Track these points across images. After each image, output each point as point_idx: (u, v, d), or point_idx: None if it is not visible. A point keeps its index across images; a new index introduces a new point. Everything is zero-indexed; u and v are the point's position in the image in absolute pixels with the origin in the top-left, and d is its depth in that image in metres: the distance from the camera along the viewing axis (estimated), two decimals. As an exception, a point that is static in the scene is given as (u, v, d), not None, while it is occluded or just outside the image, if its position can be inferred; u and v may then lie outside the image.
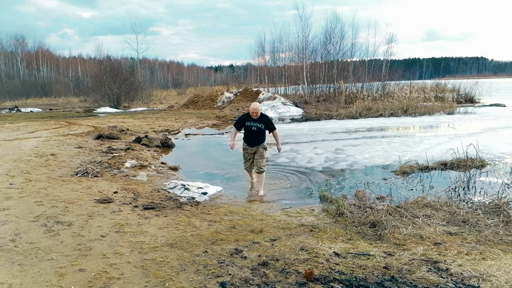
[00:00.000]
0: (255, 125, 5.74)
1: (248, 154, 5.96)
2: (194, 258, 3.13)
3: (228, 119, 18.82)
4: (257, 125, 5.74)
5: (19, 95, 38.03)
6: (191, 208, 4.79)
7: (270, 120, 5.99)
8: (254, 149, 5.85)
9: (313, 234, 3.90)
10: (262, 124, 5.75)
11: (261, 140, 5.83)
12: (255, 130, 5.74)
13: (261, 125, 5.75)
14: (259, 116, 5.78)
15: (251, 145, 5.85)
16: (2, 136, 10.62)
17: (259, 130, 5.75)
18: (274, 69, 33.12)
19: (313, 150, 9.22)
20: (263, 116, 5.89)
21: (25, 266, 2.90)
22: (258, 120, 5.75)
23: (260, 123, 5.75)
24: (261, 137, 5.82)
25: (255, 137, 5.80)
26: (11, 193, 4.92)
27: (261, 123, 5.75)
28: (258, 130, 5.75)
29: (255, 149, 5.84)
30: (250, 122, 5.76)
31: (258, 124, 5.74)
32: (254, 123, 5.74)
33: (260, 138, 5.82)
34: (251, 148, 5.86)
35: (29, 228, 3.71)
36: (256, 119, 5.74)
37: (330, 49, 26.60)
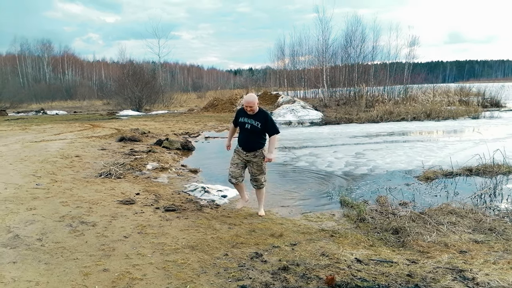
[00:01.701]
0: (250, 122, 4.49)
1: (238, 158, 4.66)
2: (215, 260, 3.15)
3: (247, 122, 18.86)
4: (252, 122, 4.47)
5: (45, 98, 39.34)
6: (211, 211, 4.82)
7: (271, 120, 4.53)
8: (249, 156, 4.58)
9: (333, 239, 3.86)
10: (258, 122, 4.46)
11: (258, 143, 4.55)
12: (248, 128, 4.49)
13: (257, 124, 4.45)
14: (257, 112, 4.51)
15: (246, 148, 4.59)
16: (29, 138, 10.99)
17: (253, 129, 4.48)
18: (294, 72, 33.10)
19: (333, 154, 9.13)
20: (262, 112, 4.54)
21: (51, 265, 2.98)
22: (254, 116, 4.50)
23: (256, 120, 4.47)
24: (258, 139, 4.55)
25: (250, 139, 4.55)
26: (38, 194, 5.08)
27: (257, 120, 4.47)
28: (253, 130, 4.49)
29: (251, 156, 4.57)
30: (244, 118, 4.54)
31: (253, 122, 4.47)
32: (248, 119, 4.50)
33: (256, 140, 4.54)
34: (245, 153, 4.60)
35: (55, 228, 3.81)
36: (252, 115, 4.51)
37: (350, 52, 26.38)
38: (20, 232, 3.64)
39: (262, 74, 51.71)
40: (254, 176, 4.66)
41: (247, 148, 4.58)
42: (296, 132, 14.65)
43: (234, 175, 4.67)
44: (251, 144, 4.57)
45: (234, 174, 4.67)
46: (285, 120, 20.12)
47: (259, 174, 4.65)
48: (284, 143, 11.25)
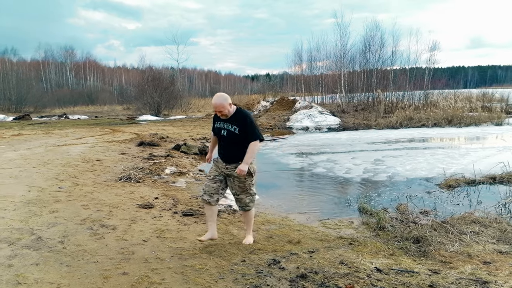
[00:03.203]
0: (226, 127, 3.62)
1: (216, 170, 3.70)
2: (232, 266, 3.14)
3: (264, 127, 18.89)
4: (228, 127, 3.59)
5: (68, 103, 40.40)
6: (228, 216, 4.83)
7: (251, 122, 3.57)
8: (229, 169, 3.61)
9: (352, 247, 3.80)
10: (235, 126, 3.55)
11: (240, 154, 3.53)
12: (225, 135, 3.63)
13: (234, 128, 3.55)
14: (233, 114, 3.59)
15: (225, 159, 3.65)
16: (52, 142, 11.29)
17: (231, 136, 3.58)
18: (311, 77, 33.00)
19: (351, 161, 9.03)
20: (239, 114, 3.61)
21: (72, 268, 3.04)
22: (231, 120, 3.59)
23: (232, 124, 3.57)
24: (240, 148, 3.54)
25: (229, 148, 3.62)
26: (60, 196, 5.20)
27: (234, 124, 3.56)
28: (231, 137, 3.59)
29: (231, 169, 3.59)
30: (220, 123, 3.69)
31: (229, 127, 3.58)
32: (224, 123, 3.63)
33: (237, 150, 3.56)
34: (225, 165, 3.64)
35: (76, 231, 3.89)
36: (228, 119, 3.60)
37: (369, 57, 26.13)
38: (43, 234, 3.73)
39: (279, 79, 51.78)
40: (235, 195, 3.69)
41: (227, 159, 3.64)
42: (313, 137, 14.57)
43: (208, 190, 3.62)
44: (232, 154, 3.60)
45: (208, 189, 3.62)
46: (302, 125, 20.04)
47: (241, 192, 3.63)
48: (301, 148, 11.20)
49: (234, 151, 3.60)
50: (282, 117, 22.69)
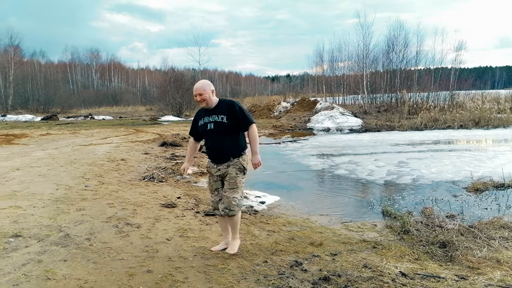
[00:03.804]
0: (212, 119, 3.25)
1: (214, 180, 3.39)
2: (254, 267, 3.14)
3: (284, 128, 18.86)
4: (215, 118, 3.23)
5: (93, 104, 41.56)
6: (250, 217, 4.84)
7: (240, 108, 3.26)
8: (221, 170, 3.29)
9: (376, 251, 3.73)
10: (222, 115, 3.21)
11: (233, 148, 3.26)
12: (213, 129, 3.23)
13: (221, 117, 3.21)
14: (217, 104, 3.28)
15: (215, 160, 3.33)
16: (79, 142, 11.63)
17: (220, 127, 3.21)
18: (332, 78, 32.70)
19: (374, 163, 8.88)
20: (224, 102, 3.31)
21: (98, 264, 3.12)
22: (216, 110, 3.26)
23: (219, 114, 3.23)
24: (232, 141, 3.26)
25: (220, 143, 3.25)
26: (87, 195, 5.35)
27: (220, 114, 3.22)
28: (219, 128, 3.22)
29: (224, 169, 3.27)
30: (204, 118, 3.31)
31: (216, 117, 3.23)
32: (209, 117, 3.27)
33: (229, 143, 3.25)
34: (216, 167, 3.31)
35: (102, 228, 3.99)
36: (212, 110, 3.27)
37: (392, 58, 25.65)
38: (71, 232, 3.84)
39: (299, 80, 51.56)
40: (224, 193, 3.30)
41: (218, 158, 3.28)
42: (334, 139, 14.42)
43: (218, 206, 3.39)
44: (221, 151, 3.26)
45: (217, 205, 3.40)
46: (323, 126, 19.88)
47: (230, 189, 3.26)
48: (323, 150, 11.11)
49: (224, 144, 3.23)
50: (303, 118, 22.59)
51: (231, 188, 3.28)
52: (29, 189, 5.48)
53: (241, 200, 3.36)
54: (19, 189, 5.50)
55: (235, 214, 3.30)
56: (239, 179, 3.29)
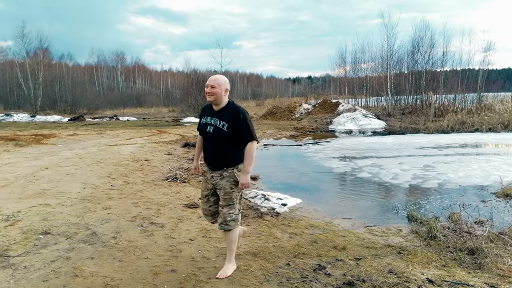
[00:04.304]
0: (213, 122, 2.97)
1: (206, 186, 3.12)
2: (277, 270, 3.13)
3: (306, 130, 18.76)
4: (216, 122, 2.94)
5: (118, 105, 42.58)
6: (272, 219, 4.83)
7: (245, 119, 2.88)
8: (215, 178, 2.98)
9: (401, 256, 3.65)
10: (224, 122, 2.90)
11: (227, 157, 2.94)
12: (211, 133, 2.97)
13: (223, 124, 2.91)
14: (224, 107, 2.97)
15: (210, 165, 3.04)
16: (104, 142, 11.93)
17: (218, 134, 2.93)
18: (355, 79, 32.26)
19: (399, 166, 8.69)
20: (231, 108, 2.96)
21: (124, 263, 3.18)
22: (220, 114, 2.96)
23: (221, 119, 2.92)
24: (228, 150, 2.93)
25: (213, 149, 3.00)
26: (112, 194, 5.47)
27: (223, 120, 2.92)
28: (216, 134, 2.94)
29: (217, 177, 2.97)
30: (207, 118, 3.05)
31: (217, 122, 2.94)
32: (212, 118, 2.99)
33: (224, 152, 2.94)
34: (211, 173, 3.02)
35: (127, 227, 4.07)
36: (217, 112, 2.98)
37: (417, 59, 25.10)
38: (97, 230, 3.94)
39: (321, 82, 51.15)
40: (220, 207, 3.01)
41: (212, 164, 3.01)
42: (357, 141, 14.22)
43: (207, 213, 3.17)
44: (215, 158, 2.98)
45: (206, 212, 3.17)
46: (346, 128, 19.64)
47: (225, 205, 2.97)
48: (345, 152, 10.97)
49: (219, 153, 2.95)
50: (325, 120, 22.39)
51: (227, 205, 2.98)
52: (57, 188, 5.66)
53: (238, 215, 3.05)
54: (48, 187, 5.69)
55: (231, 229, 2.99)
56: (235, 194, 2.97)
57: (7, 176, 6.42)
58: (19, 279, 2.82)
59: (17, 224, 4.01)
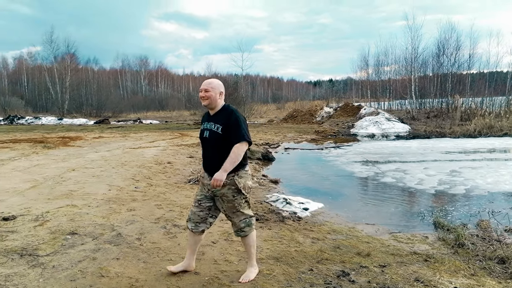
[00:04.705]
0: (208, 127, 2.94)
1: (202, 191, 3.03)
2: (300, 275, 3.10)
3: (327, 134, 18.58)
4: (211, 126, 2.91)
5: (141, 108, 43.44)
6: (293, 223, 4.79)
7: (236, 120, 2.84)
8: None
9: (428, 264, 3.55)
10: (219, 125, 2.87)
11: (223, 162, 2.77)
12: (207, 138, 2.94)
13: (217, 127, 2.87)
14: (219, 111, 2.95)
15: (207, 171, 2.96)
16: (128, 144, 12.18)
17: (214, 138, 2.88)
18: (377, 82, 31.79)
19: (424, 171, 8.48)
20: (225, 110, 2.94)
21: (148, 264, 3.23)
22: (215, 118, 2.93)
23: (216, 123, 2.89)
24: (223, 154, 2.80)
25: (210, 154, 2.93)
26: (136, 196, 5.57)
27: (217, 123, 2.88)
28: (213, 139, 2.89)
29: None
30: (204, 124, 3.02)
31: (212, 126, 2.90)
32: (208, 123, 2.96)
33: (218, 156, 2.83)
34: (209, 179, 2.88)
35: (151, 229, 4.13)
36: (213, 116, 2.96)
37: (443, 61, 24.50)
38: (122, 231, 4.02)
39: (342, 85, 50.66)
40: (228, 217, 3.00)
41: (210, 170, 2.89)
42: (380, 145, 13.98)
43: (193, 219, 3.00)
44: (213, 163, 2.86)
45: (193, 217, 3.01)
46: (368, 132, 19.35)
47: (231, 214, 2.91)
48: (367, 156, 10.80)
49: (217, 158, 2.82)
50: (346, 124, 22.13)
51: (233, 213, 2.90)
52: (84, 189, 5.82)
53: (252, 218, 2.97)
54: (75, 188, 5.85)
55: (246, 235, 2.95)
56: (238, 201, 2.87)
57: (36, 177, 6.65)
58: (47, 278, 2.90)
59: (45, 224, 4.14)
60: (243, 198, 2.89)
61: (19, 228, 3.99)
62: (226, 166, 2.74)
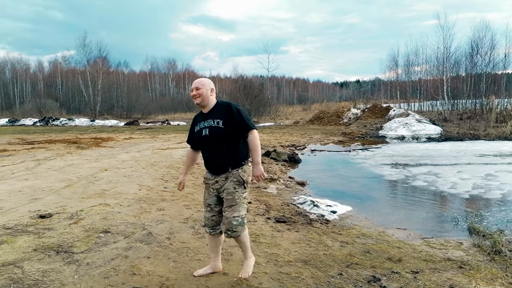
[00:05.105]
0: (207, 124, 2.88)
1: (209, 194, 3.00)
2: (329, 279, 3.06)
3: (354, 136, 18.28)
4: (210, 123, 2.86)
5: (169, 110, 44.31)
6: (321, 226, 4.74)
7: (238, 110, 2.85)
8: (219, 182, 2.90)
9: (463, 271, 3.41)
10: (218, 119, 2.83)
11: (230, 158, 2.86)
12: (208, 135, 2.85)
13: (217, 122, 2.83)
14: (214, 107, 2.92)
15: (212, 170, 2.97)
16: (157, 145, 12.45)
17: (215, 133, 2.82)
18: (407, 83, 31.00)
19: (457, 175, 8.18)
20: (221, 105, 2.93)
21: (178, 263, 3.28)
22: (212, 114, 2.90)
23: (214, 118, 2.86)
24: (229, 150, 2.84)
25: (214, 151, 2.89)
26: (165, 196, 5.68)
27: (216, 118, 2.85)
28: (215, 134, 2.83)
29: (222, 181, 2.89)
30: (200, 124, 2.95)
31: (211, 122, 2.86)
32: (205, 121, 2.90)
33: (223, 152, 2.85)
34: (214, 179, 2.94)
35: (180, 229, 4.20)
36: (208, 113, 2.92)
37: (477, 61, 23.59)
38: (153, 230, 4.11)
39: (370, 85, 49.74)
40: (224, 211, 2.87)
41: (215, 168, 2.91)
42: (410, 147, 13.60)
43: (208, 223, 3.00)
44: (218, 160, 2.87)
45: (208, 222, 3.00)
46: (397, 134, 18.88)
47: (228, 209, 2.82)
48: (397, 159, 10.53)
49: (220, 153, 2.83)
50: (374, 125, 21.70)
51: (229, 206, 2.81)
52: (116, 189, 5.99)
53: (245, 218, 2.89)
54: (107, 188, 6.04)
55: (239, 235, 2.84)
56: (238, 194, 2.83)
57: (71, 177, 6.91)
58: (82, 275, 3.00)
59: (80, 222, 4.29)
60: (243, 192, 2.88)
61: (55, 225, 4.16)
62: (257, 159, 2.82)
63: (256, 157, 2.82)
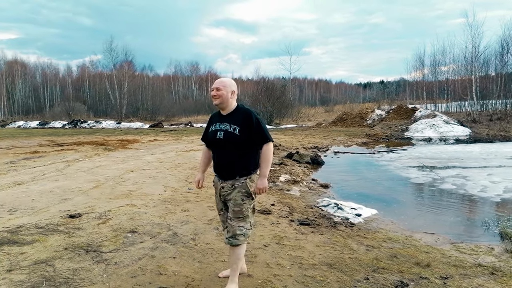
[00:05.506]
0: (223, 127, 2.80)
1: (217, 198, 2.96)
2: (355, 283, 3.02)
3: (379, 137, 17.96)
4: (226, 127, 2.78)
5: (192, 112, 44.88)
6: (346, 229, 4.68)
7: (257, 120, 2.77)
8: (225, 188, 2.81)
9: (494, 277, 3.29)
10: (235, 126, 2.75)
11: (240, 165, 2.78)
12: (222, 139, 2.78)
13: (234, 128, 2.75)
14: (233, 111, 2.84)
15: (219, 174, 2.89)
16: (181, 147, 12.63)
17: (230, 138, 2.75)
18: (434, 83, 30.20)
19: (487, 178, 7.89)
20: (241, 111, 2.83)
21: (203, 264, 3.31)
22: (230, 118, 2.81)
23: (232, 123, 2.77)
24: (240, 157, 2.77)
25: (225, 156, 2.80)
26: (190, 197, 5.75)
27: (234, 123, 2.76)
28: (228, 139, 2.76)
29: (228, 188, 2.80)
30: (216, 124, 2.87)
31: (227, 126, 2.78)
32: (221, 124, 2.82)
33: (234, 158, 2.76)
34: (220, 184, 2.86)
35: (204, 230, 4.24)
36: (226, 116, 2.84)
37: (507, 60, 22.74)
38: (178, 231, 4.17)
39: (395, 86, 48.71)
40: (229, 219, 2.81)
41: (223, 173, 2.83)
42: (437, 149, 13.24)
43: (225, 226, 2.94)
44: (227, 166, 2.79)
45: (224, 224, 2.95)
46: (424, 136, 18.42)
47: (234, 218, 2.76)
48: (424, 161, 10.27)
49: (231, 159, 2.75)
50: (400, 127, 21.25)
51: (237, 218, 2.75)
52: (142, 190, 6.12)
53: (249, 230, 2.82)
54: (133, 189, 6.18)
55: (239, 244, 2.76)
56: (246, 206, 2.76)
57: (99, 178, 7.11)
58: (110, 274, 3.08)
59: (108, 222, 4.40)
60: (251, 204, 2.81)
61: (84, 225, 4.29)
62: (264, 172, 2.76)
63: (265, 169, 2.77)
